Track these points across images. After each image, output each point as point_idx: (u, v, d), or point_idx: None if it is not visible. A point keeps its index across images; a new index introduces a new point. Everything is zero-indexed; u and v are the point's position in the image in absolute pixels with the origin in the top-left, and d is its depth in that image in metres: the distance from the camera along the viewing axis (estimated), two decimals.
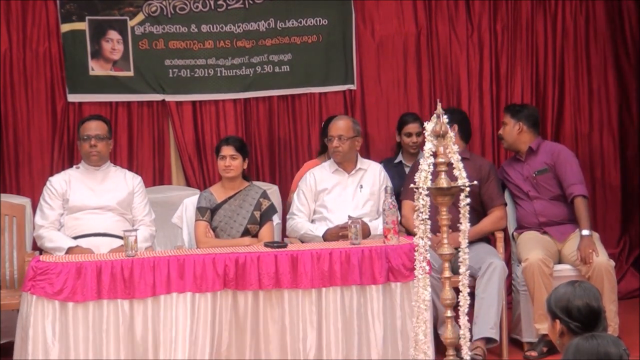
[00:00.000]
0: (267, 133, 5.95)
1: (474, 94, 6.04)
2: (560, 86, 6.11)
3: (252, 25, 5.87)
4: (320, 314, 4.21)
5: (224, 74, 5.87)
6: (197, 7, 5.83)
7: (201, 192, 5.05)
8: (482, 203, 4.96)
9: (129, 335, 4.08)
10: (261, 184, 5.40)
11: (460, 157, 3.47)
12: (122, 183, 4.93)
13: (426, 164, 3.39)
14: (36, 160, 5.71)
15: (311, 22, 5.93)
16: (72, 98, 5.75)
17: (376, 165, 5.13)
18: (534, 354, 4.72)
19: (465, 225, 3.48)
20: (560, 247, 4.99)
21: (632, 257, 6.13)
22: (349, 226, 4.45)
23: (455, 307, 3.54)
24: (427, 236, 3.45)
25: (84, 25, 5.73)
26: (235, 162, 4.78)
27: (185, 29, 5.83)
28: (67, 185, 4.84)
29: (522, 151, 5.14)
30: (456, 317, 3.52)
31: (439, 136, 3.40)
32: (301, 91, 5.96)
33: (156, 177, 5.87)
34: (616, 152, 6.15)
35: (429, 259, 3.48)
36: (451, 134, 3.44)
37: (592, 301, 2.71)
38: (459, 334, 3.49)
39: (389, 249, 4.29)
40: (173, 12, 5.81)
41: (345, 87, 5.98)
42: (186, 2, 5.82)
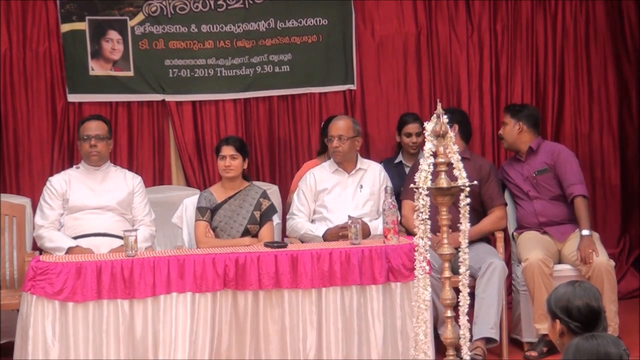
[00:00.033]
0: (267, 133, 5.95)
1: (474, 94, 6.03)
2: (560, 86, 6.10)
3: (252, 25, 5.87)
4: (320, 314, 4.20)
5: (224, 74, 5.87)
6: (197, 7, 5.82)
7: (201, 192, 5.05)
8: (482, 203, 4.96)
9: (129, 335, 4.08)
10: (261, 184, 5.40)
11: (460, 157, 3.47)
12: (122, 183, 4.93)
13: (426, 164, 3.39)
14: (36, 160, 5.70)
15: (311, 22, 5.93)
16: (72, 98, 5.75)
17: (376, 165, 5.13)
18: (534, 354, 4.72)
19: (465, 225, 3.48)
20: (560, 247, 4.99)
21: (632, 257, 6.13)
22: (349, 226, 4.45)
23: (455, 307, 3.53)
24: (427, 236, 3.45)
25: (84, 25, 5.73)
26: (235, 162, 4.78)
27: (185, 29, 5.83)
28: (67, 185, 4.83)
29: (522, 151, 5.14)
30: (456, 317, 3.51)
31: (439, 136, 3.40)
32: (301, 91, 5.96)
33: (156, 177, 5.87)
34: (616, 152, 6.15)
35: (429, 259, 3.48)
36: (451, 134, 3.44)
37: (592, 301, 2.70)
38: (459, 334, 3.49)
39: (389, 249, 4.29)
40: (173, 12, 5.81)
41: (345, 87, 5.98)
42: (186, 2, 5.82)
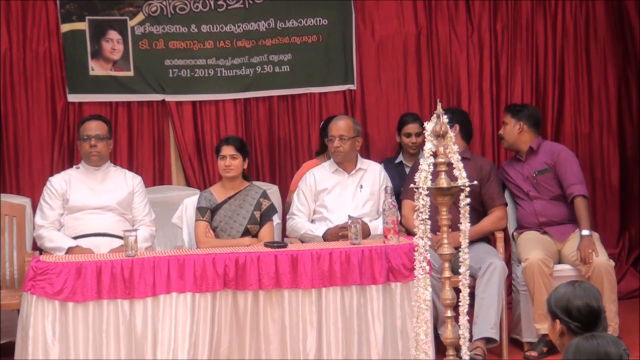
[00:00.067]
0: (267, 133, 5.95)
1: (474, 94, 6.03)
2: (560, 86, 6.10)
3: (252, 25, 5.87)
4: (320, 314, 4.20)
5: (224, 74, 5.87)
6: (197, 7, 5.82)
7: (201, 192, 5.05)
8: (482, 203, 4.96)
9: (128, 335, 4.08)
10: (261, 184, 5.40)
11: (460, 157, 3.47)
12: (122, 183, 4.93)
13: (426, 164, 3.39)
14: (36, 160, 5.70)
15: (311, 22, 5.93)
16: (72, 98, 5.75)
17: (376, 165, 5.13)
18: (534, 354, 4.72)
19: (465, 225, 3.48)
20: (560, 247, 4.99)
21: (632, 257, 6.13)
22: (349, 226, 4.45)
23: (455, 307, 3.53)
24: (427, 236, 3.45)
25: (84, 25, 5.73)
26: (235, 162, 4.78)
27: (185, 29, 5.83)
28: (67, 185, 4.83)
29: (522, 151, 5.14)
30: (456, 317, 3.51)
31: (439, 136, 3.40)
32: (301, 91, 5.95)
33: (156, 177, 5.86)
34: (616, 152, 6.15)
35: (429, 259, 3.48)
36: (451, 134, 3.44)
37: (592, 301, 2.70)
38: (459, 334, 3.49)
39: (389, 249, 4.29)
40: (173, 12, 5.81)
41: (345, 87, 5.98)
42: (186, 2, 5.82)
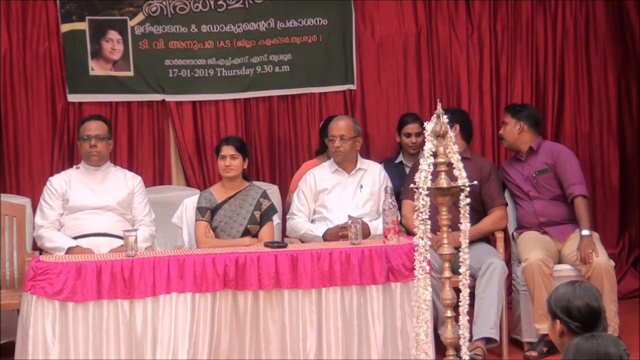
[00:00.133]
0: (267, 133, 5.95)
1: (474, 94, 6.03)
2: (560, 86, 6.10)
3: (252, 25, 5.87)
4: (320, 314, 4.20)
5: (224, 74, 5.87)
6: (197, 7, 5.82)
7: (201, 192, 5.05)
8: (482, 203, 4.96)
9: (128, 335, 4.08)
10: (261, 184, 5.40)
11: (460, 157, 3.47)
12: (122, 183, 4.93)
13: (426, 164, 3.39)
14: (36, 160, 5.70)
15: (311, 22, 5.93)
16: (72, 98, 5.75)
17: (376, 165, 5.13)
18: (534, 354, 4.72)
19: (465, 225, 3.48)
20: (560, 247, 4.99)
21: (632, 257, 6.13)
22: (349, 226, 4.45)
23: (455, 307, 3.53)
24: (427, 236, 3.45)
25: (84, 25, 5.73)
26: (235, 162, 4.78)
27: (185, 29, 5.83)
28: (67, 185, 4.83)
29: (522, 151, 5.14)
30: (456, 317, 3.51)
31: (439, 136, 3.40)
32: (301, 91, 5.95)
33: (156, 177, 5.87)
34: (616, 152, 6.15)
35: (429, 259, 3.48)
36: (451, 134, 3.44)
37: (592, 301, 2.70)
38: (459, 334, 3.49)
39: (389, 249, 4.29)
40: (173, 12, 5.81)
41: (345, 87, 5.98)
42: (186, 2, 5.82)
